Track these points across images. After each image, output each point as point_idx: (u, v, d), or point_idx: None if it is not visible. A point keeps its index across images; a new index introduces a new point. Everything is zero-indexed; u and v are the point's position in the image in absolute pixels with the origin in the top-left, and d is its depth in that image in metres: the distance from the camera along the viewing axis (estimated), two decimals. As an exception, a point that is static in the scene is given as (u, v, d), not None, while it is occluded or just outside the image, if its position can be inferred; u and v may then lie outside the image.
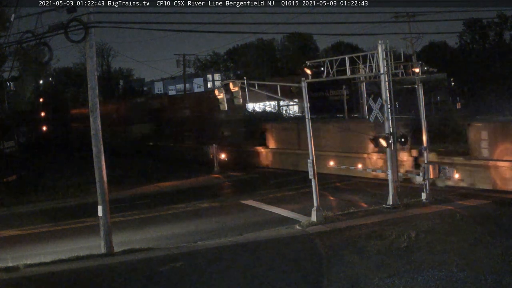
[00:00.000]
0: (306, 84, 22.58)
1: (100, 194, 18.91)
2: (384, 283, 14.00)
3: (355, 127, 32.67)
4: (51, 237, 22.30)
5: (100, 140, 19.02)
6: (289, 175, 34.33)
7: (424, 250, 16.59)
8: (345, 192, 27.92)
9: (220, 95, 24.91)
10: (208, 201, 28.33)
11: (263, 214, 24.35)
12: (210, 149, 39.12)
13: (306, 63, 24.43)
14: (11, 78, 62.78)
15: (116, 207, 24.80)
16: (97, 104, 19.01)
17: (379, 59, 23.02)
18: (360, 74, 25.81)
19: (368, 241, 18.02)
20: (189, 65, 68.14)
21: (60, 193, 32.74)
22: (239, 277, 15.48)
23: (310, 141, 22.08)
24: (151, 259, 17.78)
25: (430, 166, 23.82)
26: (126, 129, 59.13)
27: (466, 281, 13.70)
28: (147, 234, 21.76)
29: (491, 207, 21.89)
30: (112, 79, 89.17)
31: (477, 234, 17.80)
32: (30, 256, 18.38)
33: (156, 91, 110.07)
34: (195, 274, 16.12)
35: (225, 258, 17.69)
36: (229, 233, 20.88)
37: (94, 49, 19.00)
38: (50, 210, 28.58)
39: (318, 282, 14.68)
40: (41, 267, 17.23)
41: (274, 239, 19.53)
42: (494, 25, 69.84)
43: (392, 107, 23.37)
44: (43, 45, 18.03)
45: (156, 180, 36.36)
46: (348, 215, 22.11)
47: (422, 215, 21.17)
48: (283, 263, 16.66)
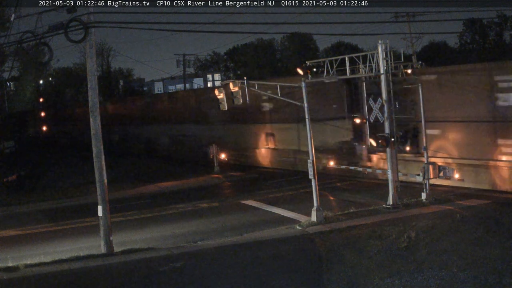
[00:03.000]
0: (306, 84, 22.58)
1: (100, 194, 18.92)
2: (384, 283, 14.01)
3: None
4: (51, 237, 22.30)
5: (100, 140, 19.02)
6: (289, 175, 34.33)
7: (424, 250, 16.60)
8: (345, 192, 27.92)
9: (220, 95, 24.95)
10: (208, 201, 28.32)
11: (263, 214, 24.36)
12: (210, 149, 39.11)
13: (306, 63, 24.47)
14: (11, 78, 62.88)
15: (116, 207, 24.81)
16: (97, 104, 19.03)
17: (379, 59, 23.02)
18: (360, 74, 25.82)
19: (368, 241, 18.03)
20: (189, 65, 68.19)
21: (60, 193, 32.74)
22: (239, 277, 15.49)
23: (310, 141, 22.09)
24: (151, 259, 17.78)
25: (430, 166, 23.82)
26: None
27: (466, 281, 13.71)
28: (147, 234, 21.76)
29: (491, 207, 21.89)
30: (112, 79, 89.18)
31: (477, 234, 17.80)
32: (30, 256, 18.38)
33: (156, 91, 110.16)
34: (195, 274, 16.13)
35: (225, 258, 17.69)
36: (229, 233, 20.89)
37: (94, 49, 19.01)
38: (50, 210, 28.58)
39: (318, 282, 14.68)
40: (41, 267, 17.24)
41: (274, 239, 19.53)
42: (494, 25, 69.88)
43: (392, 107, 23.39)
44: (43, 45, 18.06)
45: (156, 180, 36.37)
46: (348, 215, 22.12)
47: (422, 215, 21.18)
48: (283, 263, 16.66)
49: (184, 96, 56.54)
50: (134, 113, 58.31)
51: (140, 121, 56.70)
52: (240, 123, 41.90)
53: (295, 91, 25.63)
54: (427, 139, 24.59)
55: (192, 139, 48.32)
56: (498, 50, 64.29)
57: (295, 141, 36.46)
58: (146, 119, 55.55)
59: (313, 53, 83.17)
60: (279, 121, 38.09)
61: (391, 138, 22.94)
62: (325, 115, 33.25)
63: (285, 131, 37.76)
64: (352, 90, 31.94)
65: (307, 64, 24.29)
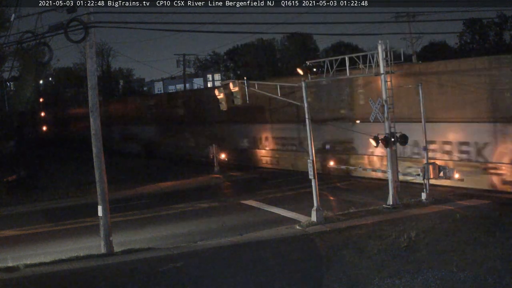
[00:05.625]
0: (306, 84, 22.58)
1: (100, 194, 18.93)
2: (384, 283, 14.00)
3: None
4: (51, 237, 22.31)
5: (100, 140, 19.03)
6: (289, 175, 34.32)
7: (424, 250, 16.60)
8: (345, 192, 27.92)
9: (220, 95, 24.95)
10: (208, 201, 28.32)
11: (263, 214, 24.36)
12: (210, 149, 39.10)
13: (306, 63, 24.46)
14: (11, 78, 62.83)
15: (116, 207, 24.82)
16: (97, 104, 19.04)
17: (379, 59, 23.02)
18: (360, 74, 25.81)
19: (368, 241, 18.04)
20: (189, 65, 68.18)
21: (60, 193, 32.75)
22: (239, 277, 15.48)
23: (310, 141, 22.09)
24: (151, 259, 17.79)
25: (430, 166, 23.82)
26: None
27: (466, 281, 13.70)
28: (147, 234, 21.77)
29: (491, 207, 21.89)
30: (112, 79, 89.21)
31: (477, 234, 17.80)
32: (30, 256, 18.40)
33: (156, 91, 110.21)
34: (195, 274, 16.13)
35: (225, 258, 17.70)
36: (229, 233, 20.90)
37: (94, 49, 19.02)
38: (50, 210, 28.59)
39: (318, 282, 14.68)
40: (41, 267, 17.25)
41: (274, 239, 19.53)
42: (494, 25, 69.92)
43: (392, 107, 23.39)
44: (43, 45, 18.04)
45: (156, 180, 36.38)
46: (348, 215, 22.12)
47: (422, 215, 21.18)
48: (283, 263, 16.66)
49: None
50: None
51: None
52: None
53: (295, 91, 25.66)
54: (427, 139, 24.59)
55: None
56: (498, 50, 64.30)
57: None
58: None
59: (313, 53, 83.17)
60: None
61: (391, 138, 22.95)
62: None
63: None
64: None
65: (307, 64, 24.28)
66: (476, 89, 25.35)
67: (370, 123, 25.47)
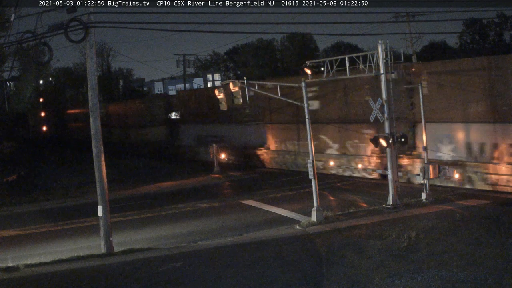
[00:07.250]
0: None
1: (100, 194, 18.92)
2: (384, 283, 14.00)
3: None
4: (51, 237, 22.31)
5: (100, 140, 19.02)
6: (289, 175, 34.31)
7: (424, 250, 16.60)
8: (345, 192, 27.92)
9: (220, 95, 24.95)
10: (208, 201, 28.31)
11: (263, 214, 24.35)
12: (210, 149, 39.08)
13: (306, 63, 24.48)
14: (11, 78, 62.88)
15: (116, 207, 24.81)
16: (97, 104, 19.04)
17: (379, 59, 23.01)
18: (360, 74, 25.78)
19: (368, 241, 18.03)
20: (189, 65, 68.07)
21: (60, 193, 32.73)
22: (239, 277, 15.48)
23: (310, 141, 22.07)
24: (151, 259, 17.79)
25: (430, 166, 23.82)
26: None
27: (466, 281, 13.70)
28: (147, 234, 21.76)
29: (491, 207, 21.90)
30: (112, 79, 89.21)
31: (477, 234, 17.80)
32: (30, 256, 18.40)
33: (156, 91, 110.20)
34: (195, 274, 16.12)
35: (225, 258, 17.69)
36: (229, 233, 20.90)
37: (94, 49, 19.02)
38: (50, 210, 28.57)
39: (318, 282, 14.68)
40: (41, 267, 17.25)
41: (274, 239, 19.53)
42: (494, 25, 69.92)
43: (392, 107, 23.37)
44: (43, 45, 18.03)
45: (156, 180, 36.37)
46: (348, 215, 22.12)
47: (422, 215, 21.18)
48: (283, 263, 16.65)
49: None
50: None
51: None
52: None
53: (295, 91, 25.64)
54: (427, 139, 24.58)
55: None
56: (498, 50, 64.30)
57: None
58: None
59: (313, 53, 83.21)
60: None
61: (391, 138, 22.93)
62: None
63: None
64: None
65: (307, 64, 24.30)
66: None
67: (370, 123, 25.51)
